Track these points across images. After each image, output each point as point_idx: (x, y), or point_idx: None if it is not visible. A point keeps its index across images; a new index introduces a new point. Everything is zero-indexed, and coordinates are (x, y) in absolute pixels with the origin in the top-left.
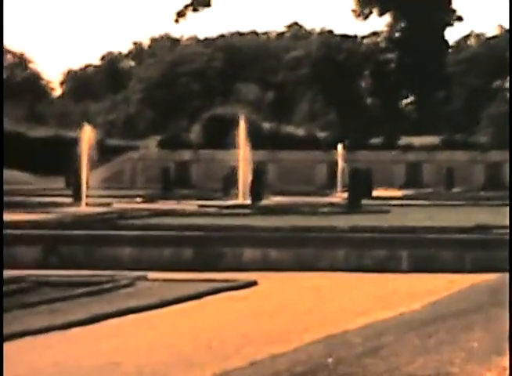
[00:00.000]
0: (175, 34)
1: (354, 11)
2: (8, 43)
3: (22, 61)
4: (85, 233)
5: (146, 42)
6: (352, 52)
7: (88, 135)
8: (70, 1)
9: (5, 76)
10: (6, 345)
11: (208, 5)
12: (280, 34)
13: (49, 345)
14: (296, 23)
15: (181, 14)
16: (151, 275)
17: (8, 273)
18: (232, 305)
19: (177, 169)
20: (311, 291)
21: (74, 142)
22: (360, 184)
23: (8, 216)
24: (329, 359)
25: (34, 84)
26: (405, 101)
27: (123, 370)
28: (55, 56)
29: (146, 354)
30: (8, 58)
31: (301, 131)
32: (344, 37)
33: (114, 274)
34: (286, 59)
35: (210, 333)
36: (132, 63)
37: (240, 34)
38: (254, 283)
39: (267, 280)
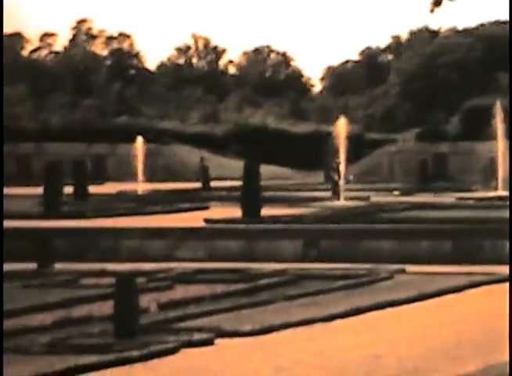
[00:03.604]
0: (434, 27)
1: None
2: (272, 43)
3: (284, 60)
4: (344, 227)
5: (404, 36)
6: None
7: (343, 129)
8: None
9: (268, 74)
10: (268, 336)
11: None
12: None
13: (312, 337)
14: None
15: (436, 3)
16: (409, 268)
17: (270, 266)
18: (493, 299)
19: (434, 162)
20: None
21: (333, 137)
22: None
23: (269, 211)
24: None
25: (295, 82)
26: None
27: (384, 362)
28: (315, 53)
29: (406, 347)
30: (272, 57)
31: None
32: None
33: (373, 267)
34: None
35: (471, 327)
36: (390, 57)
37: (501, 23)
38: None
39: None
